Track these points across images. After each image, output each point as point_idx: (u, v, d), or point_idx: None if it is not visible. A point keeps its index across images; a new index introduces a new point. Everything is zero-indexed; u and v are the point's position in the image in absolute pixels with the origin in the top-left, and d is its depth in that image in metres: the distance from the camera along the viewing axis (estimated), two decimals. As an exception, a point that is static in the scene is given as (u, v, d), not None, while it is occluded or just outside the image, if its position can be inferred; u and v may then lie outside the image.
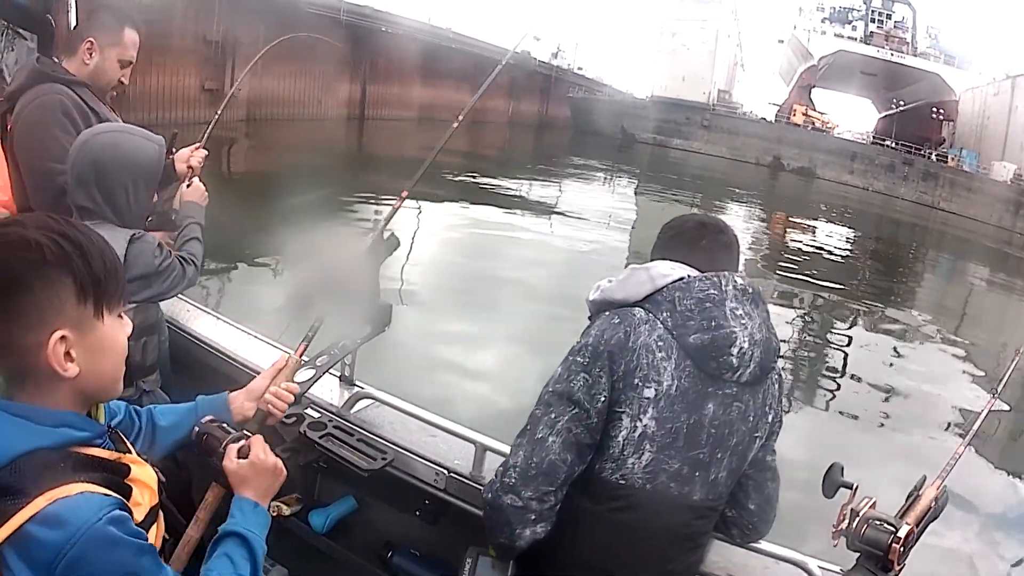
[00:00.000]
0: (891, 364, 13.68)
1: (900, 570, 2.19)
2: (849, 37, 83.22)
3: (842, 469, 2.29)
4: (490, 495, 2.28)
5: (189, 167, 3.89)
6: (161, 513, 1.83)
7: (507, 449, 2.82)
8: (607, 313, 2.36)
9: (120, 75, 3.59)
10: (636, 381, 2.21)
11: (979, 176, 60.88)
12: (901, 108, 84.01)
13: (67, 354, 1.55)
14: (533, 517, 2.22)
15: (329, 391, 3.33)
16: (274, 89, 36.74)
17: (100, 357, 1.64)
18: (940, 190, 60.68)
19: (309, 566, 3.54)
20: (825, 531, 2.35)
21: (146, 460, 1.86)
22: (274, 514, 3.21)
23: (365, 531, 3.40)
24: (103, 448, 1.68)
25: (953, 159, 66.42)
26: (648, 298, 2.34)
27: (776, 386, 2.43)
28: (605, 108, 74.35)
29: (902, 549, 2.13)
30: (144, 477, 1.76)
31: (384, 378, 3.62)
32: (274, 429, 3.02)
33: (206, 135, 4.09)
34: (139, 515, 1.64)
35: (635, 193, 37.90)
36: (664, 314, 2.28)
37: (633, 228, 25.77)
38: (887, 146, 70.76)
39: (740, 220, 33.79)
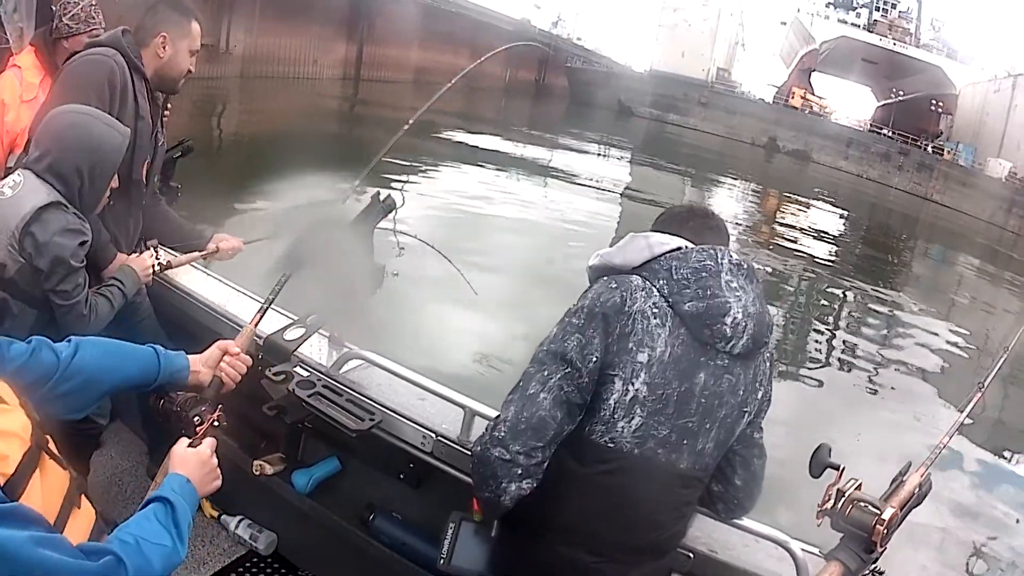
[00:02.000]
0: (879, 350, 13.74)
1: (882, 552, 2.21)
2: (852, 23, 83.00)
3: (829, 450, 2.31)
4: (479, 448, 2.30)
5: (217, 247, 4.03)
6: (45, 455, 1.81)
7: (494, 413, 2.84)
8: (605, 278, 2.40)
9: (190, 64, 3.69)
10: (630, 345, 2.25)
11: (974, 171, 60.95)
12: (900, 98, 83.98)
13: None
14: (520, 472, 2.23)
15: (319, 351, 3.32)
16: (270, 47, 36.55)
17: None
18: (934, 182, 60.75)
19: (289, 526, 3.54)
20: (807, 512, 2.37)
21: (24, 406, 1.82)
22: (257, 472, 3.23)
23: (347, 493, 3.40)
24: None
25: (949, 153, 66.38)
26: (645, 265, 2.39)
27: (767, 364, 2.48)
28: (603, 80, 74.31)
29: (885, 531, 2.15)
30: (8, 426, 1.71)
31: (373, 340, 3.61)
32: (261, 386, 3.02)
33: (252, 242, 4.23)
34: (7, 467, 1.63)
35: (629, 164, 37.98)
36: (660, 281, 2.32)
37: (623, 198, 25.86)
38: (884, 135, 70.78)
39: (733, 198, 33.88)
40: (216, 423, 2.34)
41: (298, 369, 3.12)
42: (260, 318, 2.81)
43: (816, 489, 2.33)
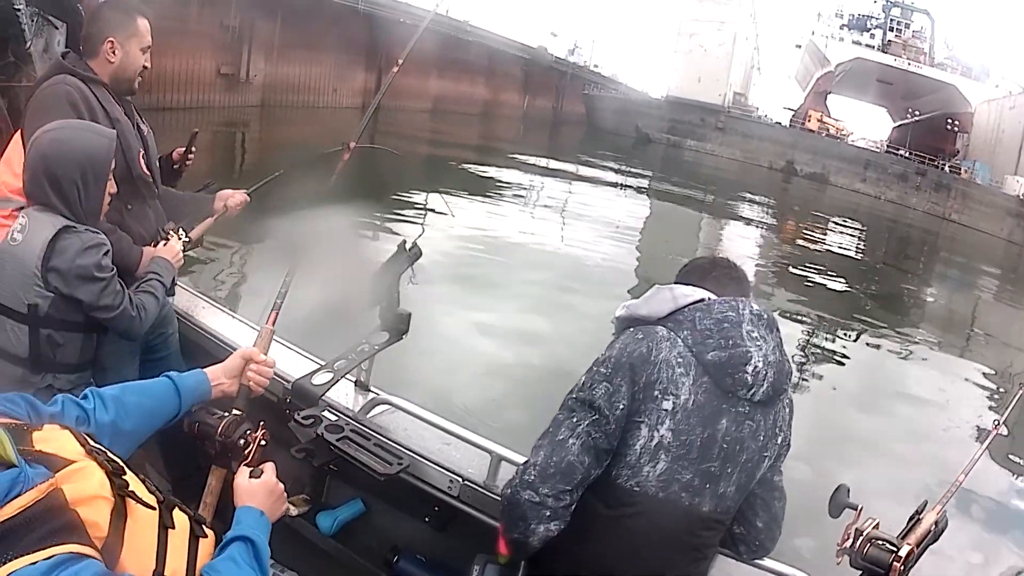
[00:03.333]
0: (895, 383, 13.63)
1: (899, 588, 2.25)
2: (867, 45, 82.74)
3: (848, 491, 2.38)
4: (509, 490, 2.36)
5: (226, 206, 4.06)
6: (130, 500, 1.74)
7: (521, 459, 2.89)
8: (631, 329, 2.51)
9: (143, 60, 3.68)
10: (656, 393, 2.35)
11: (991, 189, 60.51)
12: (916, 118, 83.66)
13: None
14: (548, 514, 2.29)
15: (345, 395, 3.37)
16: (290, 76, 36.86)
17: None
18: (952, 202, 60.36)
19: (313, 568, 3.57)
20: (826, 551, 2.42)
21: (94, 454, 1.73)
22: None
23: (372, 535, 3.43)
24: (24, 493, 1.48)
25: (966, 171, 66.08)
26: (670, 316, 2.50)
27: (787, 410, 2.55)
28: (620, 106, 74.19)
29: (902, 568, 2.20)
30: (88, 487, 1.62)
31: (399, 385, 3.67)
32: (288, 429, 3.08)
33: (256, 187, 4.26)
34: (100, 531, 1.57)
35: (648, 193, 37.80)
36: (685, 332, 2.43)
37: (644, 230, 25.79)
38: (901, 155, 70.43)
39: (751, 223, 33.77)
40: (263, 442, 2.39)
41: (326, 413, 3.18)
42: (276, 316, 2.83)
43: (831, 523, 2.40)
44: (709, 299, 2.51)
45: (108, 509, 1.63)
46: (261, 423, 2.43)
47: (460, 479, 2.98)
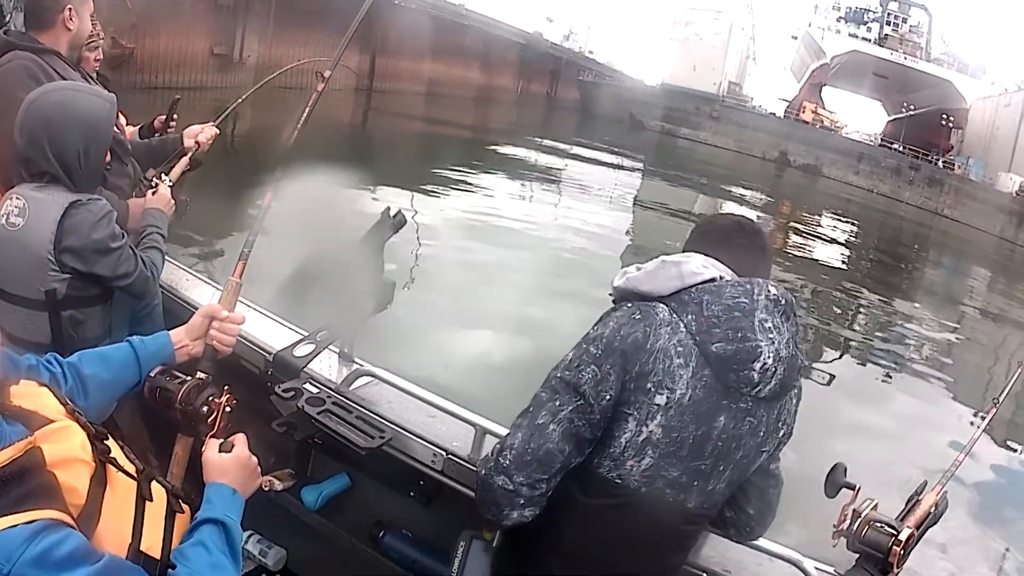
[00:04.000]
0: (891, 365, 13.69)
1: (898, 573, 2.18)
2: (863, 38, 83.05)
3: (845, 470, 2.28)
4: (483, 472, 2.23)
5: (196, 143, 3.96)
6: (110, 467, 1.70)
7: (504, 431, 2.81)
8: (629, 305, 2.24)
9: (90, 27, 3.68)
10: (648, 385, 2.11)
11: (984, 185, 60.75)
12: (911, 112, 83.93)
13: None
14: (522, 501, 2.18)
15: (328, 367, 3.31)
16: (283, 56, 36.66)
17: None
18: (945, 197, 60.54)
19: (299, 543, 3.53)
20: (821, 530, 2.35)
21: (75, 415, 1.70)
22: (266, 488, 3.20)
23: (357, 510, 3.38)
24: (4, 448, 1.46)
25: (960, 167, 66.28)
26: (674, 295, 2.21)
27: (794, 401, 2.34)
28: (614, 93, 74.30)
29: (902, 552, 2.13)
30: (68, 449, 1.59)
31: (384, 356, 3.60)
32: (270, 402, 3.00)
33: (221, 117, 4.22)
34: (78, 497, 1.54)
35: (641, 177, 38.01)
36: (689, 316, 2.16)
37: (635, 210, 25.88)
38: (895, 149, 70.75)
39: (743, 211, 33.87)
40: (228, 408, 2.22)
41: (308, 386, 3.09)
42: (243, 267, 2.56)
43: (827, 503, 2.32)
44: (721, 280, 2.21)
45: (88, 475, 1.59)
46: (226, 387, 2.27)
47: (444, 453, 2.91)
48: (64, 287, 2.86)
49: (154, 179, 3.59)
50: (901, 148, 70.43)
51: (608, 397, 2.13)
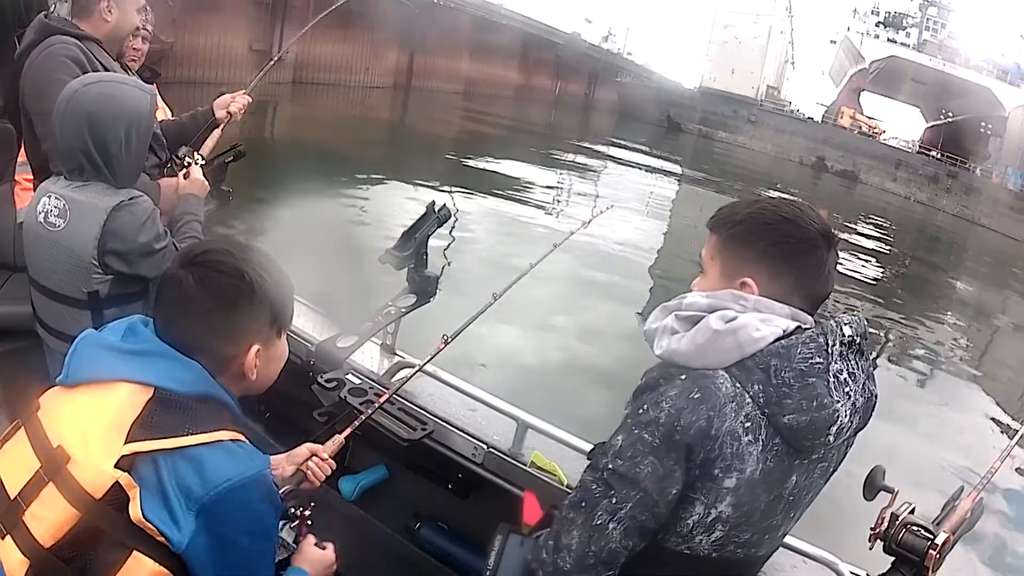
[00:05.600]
0: (928, 374, 13.61)
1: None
2: (902, 43, 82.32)
3: (884, 473, 2.25)
4: (541, 574, 1.97)
5: (228, 113, 3.93)
6: None
7: (549, 428, 2.82)
8: (683, 378, 1.91)
9: (139, 21, 3.67)
10: (716, 472, 1.89)
11: (1022, 195, 59.94)
12: (949, 119, 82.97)
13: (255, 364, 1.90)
14: None
15: (370, 358, 3.33)
16: (322, 53, 36.82)
17: (273, 365, 2.02)
18: (982, 206, 59.89)
19: (335, 533, 3.54)
20: (855, 532, 2.34)
21: None
22: (303, 477, 3.24)
23: (394, 501, 3.39)
24: None
25: (997, 176, 65.46)
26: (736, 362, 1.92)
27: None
28: (652, 95, 74.17)
29: (938, 556, 2.11)
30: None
31: (424, 349, 3.63)
32: (312, 392, 3.03)
33: (252, 83, 4.15)
34: None
35: (678, 180, 37.95)
36: (756, 386, 1.88)
37: (671, 211, 25.81)
38: (933, 157, 69.94)
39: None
40: (310, 521, 2.41)
41: (350, 376, 3.11)
42: (351, 431, 2.67)
43: (863, 504, 2.32)
44: (788, 337, 1.91)
45: None
46: (312, 504, 2.44)
47: (485, 446, 2.94)
48: (107, 288, 2.83)
49: (186, 158, 3.54)
50: (939, 155, 69.66)
51: (674, 491, 1.90)
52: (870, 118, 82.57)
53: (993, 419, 11.67)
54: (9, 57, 3.60)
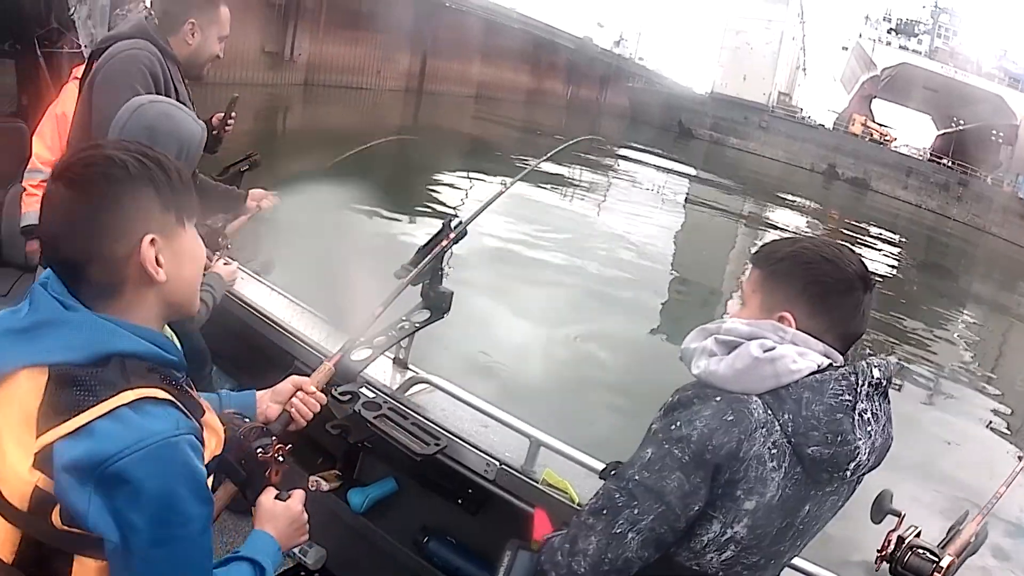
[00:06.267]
0: (934, 392, 13.60)
1: (937, 600, 2.20)
2: (913, 51, 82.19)
3: (891, 496, 2.28)
4: (554, 575, 2.06)
5: (258, 207, 4.03)
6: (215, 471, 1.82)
7: (561, 446, 2.84)
8: (718, 400, 1.96)
9: (218, 50, 3.68)
10: (738, 493, 1.94)
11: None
12: (960, 127, 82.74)
13: (156, 259, 1.60)
14: None
15: (383, 372, 3.34)
16: (334, 56, 36.90)
17: (184, 263, 1.69)
18: (992, 214, 59.71)
19: (342, 544, 3.57)
20: (860, 554, 2.36)
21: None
22: (312, 488, 3.25)
23: (403, 514, 3.41)
24: (184, 382, 1.69)
25: (1008, 185, 65.22)
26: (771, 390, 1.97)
27: None
28: (663, 100, 74.21)
29: (943, 580, 2.14)
30: (215, 425, 1.79)
31: (438, 364, 3.66)
32: (327, 406, 3.05)
33: (280, 194, 4.22)
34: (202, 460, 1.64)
35: (688, 184, 38.13)
36: (786, 415, 1.93)
37: (685, 217, 25.77)
38: (944, 165, 69.76)
39: (790, 223, 33.66)
40: (280, 457, 2.15)
41: (364, 390, 3.11)
42: (340, 357, 2.63)
43: (866, 525, 2.34)
44: (822, 373, 1.96)
45: (212, 452, 1.74)
46: (288, 445, 2.21)
47: (497, 463, 2.94)
48: None
49: (220, 239, 3.69)
50: (950, 163, 69.49)
51: (697, 507, 1.95)
52: (881, 125, 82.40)
53: (1003, 438, 11.66)
54: (31, 55, 3.65)
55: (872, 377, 1.96)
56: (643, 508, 1.96)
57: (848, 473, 1.97)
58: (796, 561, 2.52)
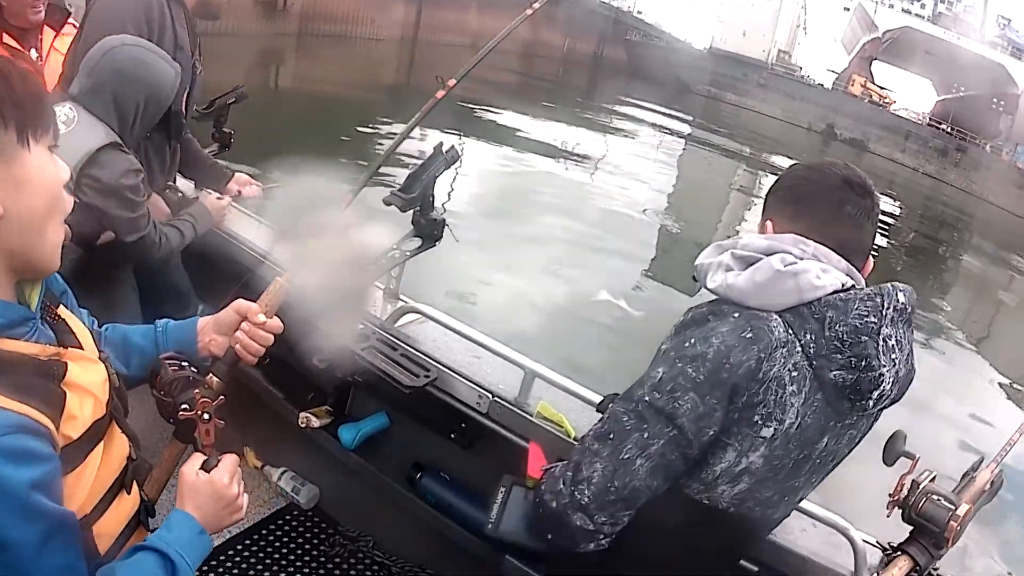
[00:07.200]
0: (943, 343, 13.63)
1: (949, 549, 2.11)
2: (917, 15, 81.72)
3: (904, 438, 2.16)
4: (555, 503, 1.95)
5: (239, 191, 3.96)
6: (115, 427, 1.57)
7: (557, 378, 2.74)
8: (736, 316, 1.86)
9: None
10: (756, 418, 1.84)
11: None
12: (961, 94, 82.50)
13: None
14: (602, 537, 1.94)
15: (373, 303, 3.26)
16: (328, 4, 36.60)
17: (29, 194, 1.34)
18: (990, 183, 59.66)
19: (334, 482, 3.51)
20: (867, 496, 2.28)
21: (105, 361, 1.59)
22: (303, 425, 3.17)
23: (395, 450, 3.32)
24: (29, 340, 1.38)
25: (1007, 154, 65.15)
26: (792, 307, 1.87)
27: None
28: (662, 55, 73.87)
29: (959, 528, 2.04)
30: (89, 381, 1.48)
31: (428, 293, 3.56)
32: (311, 338, 2.93)
33: (268, 187, 4.15)
34: (73, 431, 1.39)
35: (684, 142, 38.08)
36: (808, 335, 1.83)
37: (679, 169, 25.82)
38: (943, 130, 69.67)
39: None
40: (206, 415, 1.81)
41: None
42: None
43: (874, 469, 2.23)
44: (846, 291, 1.86)
45: (92, 417, 1.45)
46: (222, 396, 1.87)
47: (490, 395, 2.85)
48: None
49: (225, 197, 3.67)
50: (949, 129, 69.41)
51: (711, 432, 1.85)
52: (881, 87, 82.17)
53: (1011, 388, 11.70)
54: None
55: (898, 301, 1.86)
56: (653, 432, 1.85)
57: (870, 403, 1.87)
58: (804, 504, 2.42)
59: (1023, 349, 14.91)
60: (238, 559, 3.40)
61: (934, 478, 2.12)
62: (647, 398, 1.87)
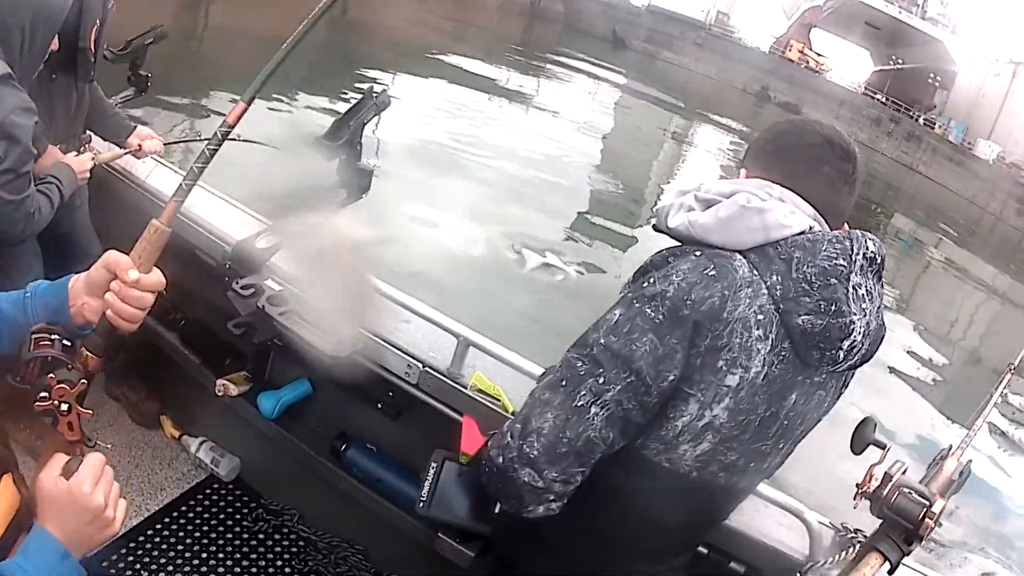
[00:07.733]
0: (897, 327, 13.80)
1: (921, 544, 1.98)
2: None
3: (875, 426, 2.02)
4: (501, 459, 1.81)
5: (140, 146, 3.67)
6: None
7: (494, 347, 2.57)
8: (698, 254, 1.79)
9: None
10: (720, 363, 1.73)
11: (962, 149, 62.06)
12: (898, 66, 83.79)
13: None
14: (552, 497, 1.82)
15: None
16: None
17: None
18: (921, 154, 61.32)
19: (254, 452, 3.38)
20: (827, 484, 2.18)
21: None
22: (220, 393, 3.01)
23: (318, 419, 3.19)
24: None
25: (940, 127, 67.19)
26: (757, 247, 1.80)
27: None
28: (600, 9, 73.76)
29: (934, 524, 1.89)
30: None
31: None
32: (227, 298, 2.75)
33: (175, 142, 4.21)
34: None
35: (618, 94, 38.44)
36: (774, 277, 1.75)
37: (614, 124, 25.97)
38: (877, 100, 71.24)
39: (714, 139, 34.15)
40: (64, 403, 1.45)
41: (269, 283, 2.89)
42: (176, 208, 1.60)
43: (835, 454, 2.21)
44: (813, 232, 1.80)
45: None
46: (83, 380, 1.49)
47: (420, 365, 2.70)
48: None
49: (86, 145, 3.38)
50: (883, 99, 70.59)
51: (671, 377, 1.74)
52: (819, 54, 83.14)
53: (969, 378, 11.85)
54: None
55: (867, 249, 1.80)
56: (608, 377, 1.75)
57: (840, 353, 1.79)
58: (764, 490, 2.36)
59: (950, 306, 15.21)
60: (157, 539, 3.24)
61: (905, 470, 1.98)
62: (602, 341, 1.77)
